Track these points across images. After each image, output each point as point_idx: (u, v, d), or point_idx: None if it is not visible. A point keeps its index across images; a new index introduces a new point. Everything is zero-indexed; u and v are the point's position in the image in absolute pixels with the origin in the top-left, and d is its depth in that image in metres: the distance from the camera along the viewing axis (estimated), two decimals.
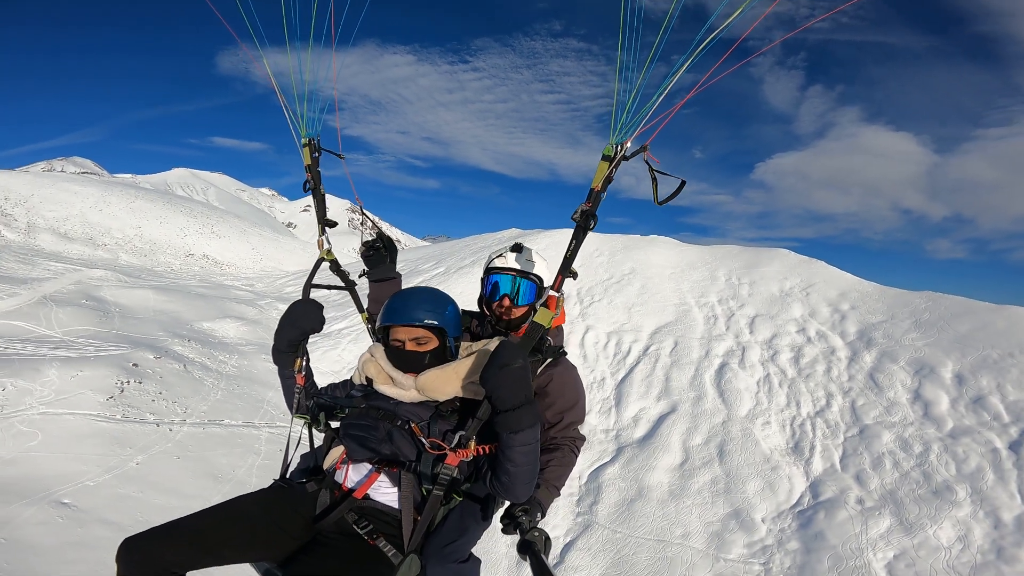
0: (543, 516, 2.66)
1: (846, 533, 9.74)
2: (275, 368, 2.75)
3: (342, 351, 14.84)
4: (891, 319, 15.31)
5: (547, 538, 2.50)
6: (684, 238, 23.00)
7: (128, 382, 9.82)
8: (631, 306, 17.30)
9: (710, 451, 11.65)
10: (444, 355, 2.50)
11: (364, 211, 3.47)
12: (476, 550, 2.40)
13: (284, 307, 17.12)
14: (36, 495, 6.81)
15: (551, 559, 9.33)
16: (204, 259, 29.03)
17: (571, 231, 2.27)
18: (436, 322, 2.45)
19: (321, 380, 2.90)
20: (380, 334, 2.61)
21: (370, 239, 3.26)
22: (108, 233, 28.27)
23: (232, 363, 12.73)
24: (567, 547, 9.53)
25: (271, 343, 2.64)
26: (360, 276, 3.27)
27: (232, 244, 31.33)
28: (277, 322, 2.67)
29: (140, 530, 2.10)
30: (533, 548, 2.37)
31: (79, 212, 29.48)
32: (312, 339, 2.85)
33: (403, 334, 2.46)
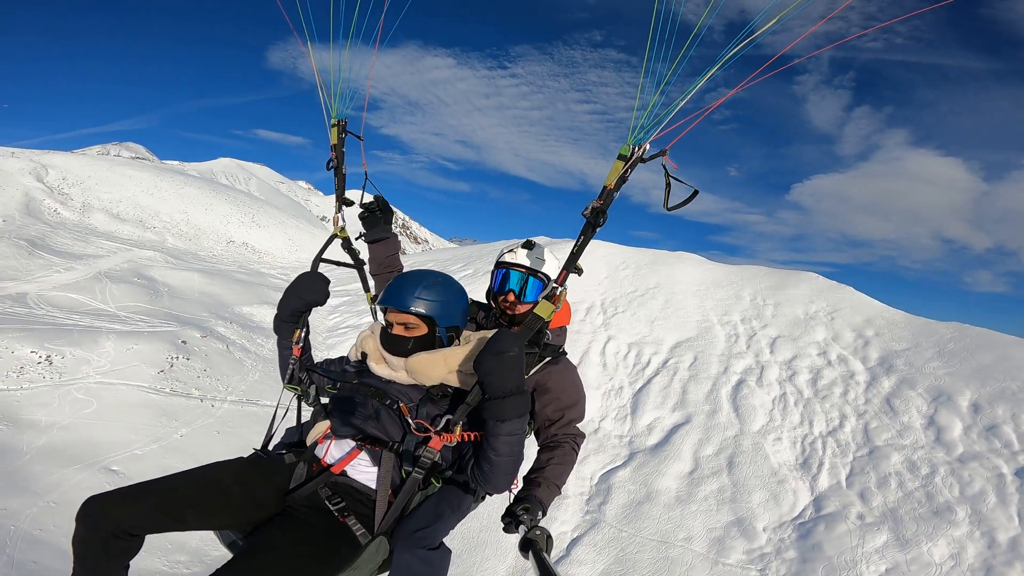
0: (544, 514, 2.65)
1: (843, 546, 9.99)
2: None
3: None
4: (915, 347, 15.33)
5: (549, 536, 2.49)
6: (712, 256, 23.14)
7: (177, 358, 10.59)
8: (654, 319, 17.63)
9: (720, 462, 11.96)
10: (432, 343, 2.49)
11: (368, 178, 3.42)
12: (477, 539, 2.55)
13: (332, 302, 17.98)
14: (87, 460, 7.47)
15: (553, 557, 9.80)
16: (244, 247, 30.19)
17: (601, 242, 2.39)
18: (424, 311, 2.43)
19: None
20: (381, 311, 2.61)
21: (367, 202, 3.29)
22: (157, 216, 29.61)
23: (269, 347, 13.46)
24: (574, 542, 9.97)
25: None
26: (357, 239, 3.30)
27: (271, 234, 32.47)
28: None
29: None
30: (535, 547, 2.36)
31: (131, 195, 30.90)
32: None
33: (394, 316, 2.48)
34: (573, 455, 2.89)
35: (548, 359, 2.74)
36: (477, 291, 15.18)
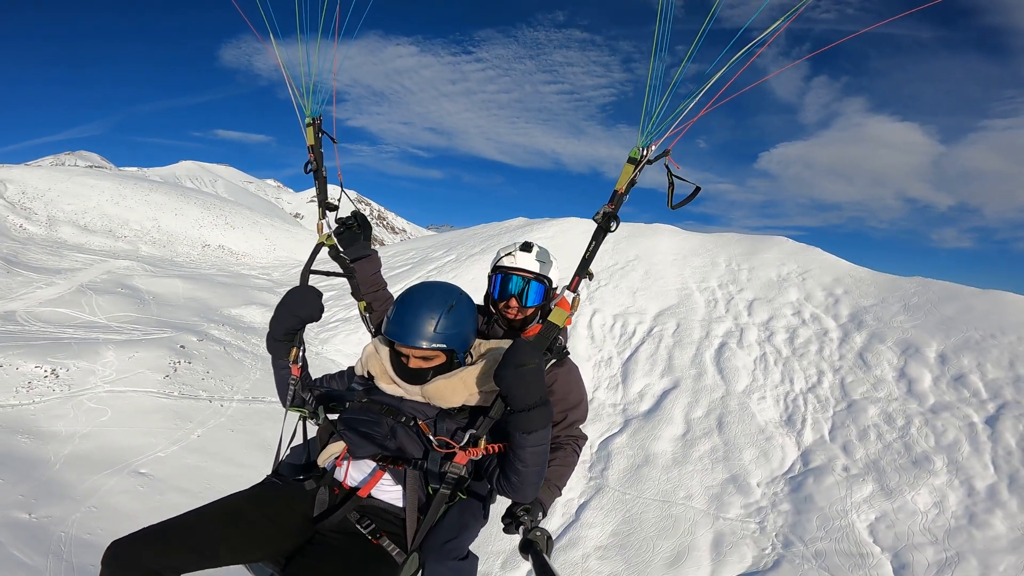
0: (545, 515, 2.63)
1: (833, 497, 10.74)
2: (307, 347, 2.60)
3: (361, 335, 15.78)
4: (882, 303, 16.20)
5: (549, 537, 2.47)
6: (688, 226, 23.74)
7: (179, 362, 10.78)
8: (636, 290, 18.24)
9: (710, 423, 12.64)
10: (451, 368, 2.40)
11: (344, 189, 3.24)
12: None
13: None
14: (116, 466, 7.73)
15: (563, 522, 10.33)
16: (220, 249, 29.88)
17: (578, 219, 2.36)
18: (446, 345, 2.32)
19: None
20: (384, 335, 2.44)
21: (344, 217, 3.08)
22: (126, 225, 29.08)
23: (264, 345, 13.63)
24: (582, 507, 10.53)
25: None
26: (332, 256, 3.09)
27: (246, 235, 32.14)
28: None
29: (208, 498, 2.14)
30: (535, 548, 2.35)
31: (96, 205, 30.23)
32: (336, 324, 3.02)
33: (411, 352, 2.33)
34: (575, 456, 2.85)
35: (553, 360, 2.64)
36: (462, 276, 15.47)
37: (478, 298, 2.87)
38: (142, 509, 7.05)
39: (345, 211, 3.13)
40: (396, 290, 2.72)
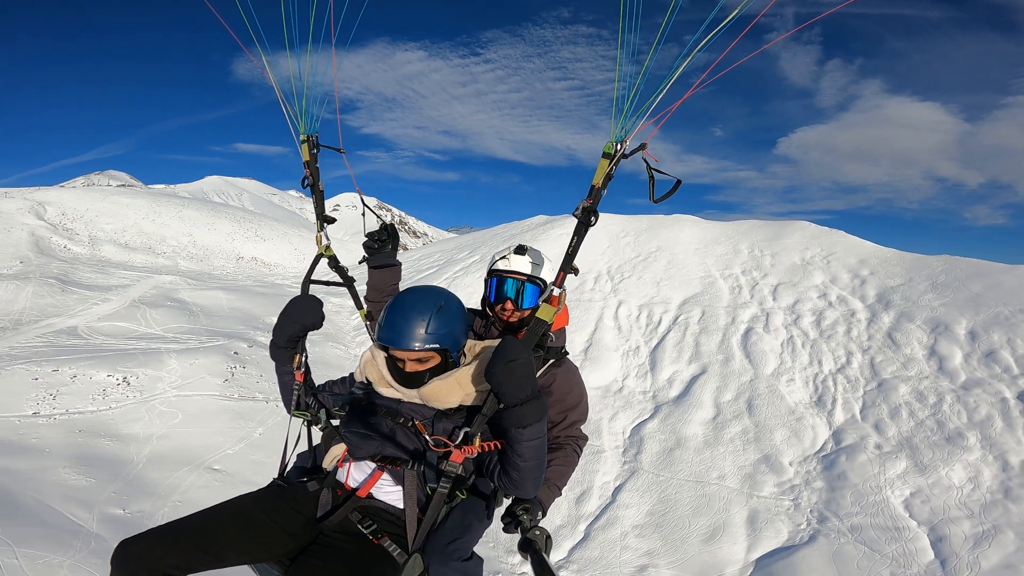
0: (544, 515, 2.65)
1: (866, 474, 11.02)
2: (344, 352, 2.87)
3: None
4: (909, 282, 16.33)
5: (548, 536, 2.49)
6: (710, 215, 24.00)
7: (235, 367, 11.55)
8: (659, 280, 18.62)
9: (739, 406, 13.00)
10: (446, 368, 2.41)
11: (365, 203, 3.38)
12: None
13: (337, 301, 18.81)
14: (192, 463, 8.47)
15: (599, 504, 10.79)
16: (253, 261, 30.94)
17: (601, 215, 2.23)
18: (439, 345, 2.33)
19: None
20: (377, 341, 2.48)
21: (374, 230, 3.14)
22: (164, 241, 30.25)
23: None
24: (618, 489, 11.01)
25: (334, 334, 2.87)
26: (360, 262, 3.16)
27: (276, 246, 33.22)
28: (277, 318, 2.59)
29: None
30: (534, 547, 2.37)
31: (134, 223, 31.47)
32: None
33: (406, 355, 2.35)
34: (575, 457, 2.88)
35: (552, 361, 2.74)
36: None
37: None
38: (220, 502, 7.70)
39: (371, 224, 3.22)
40: None
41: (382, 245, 3.07)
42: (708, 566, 9.48)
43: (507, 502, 2.57)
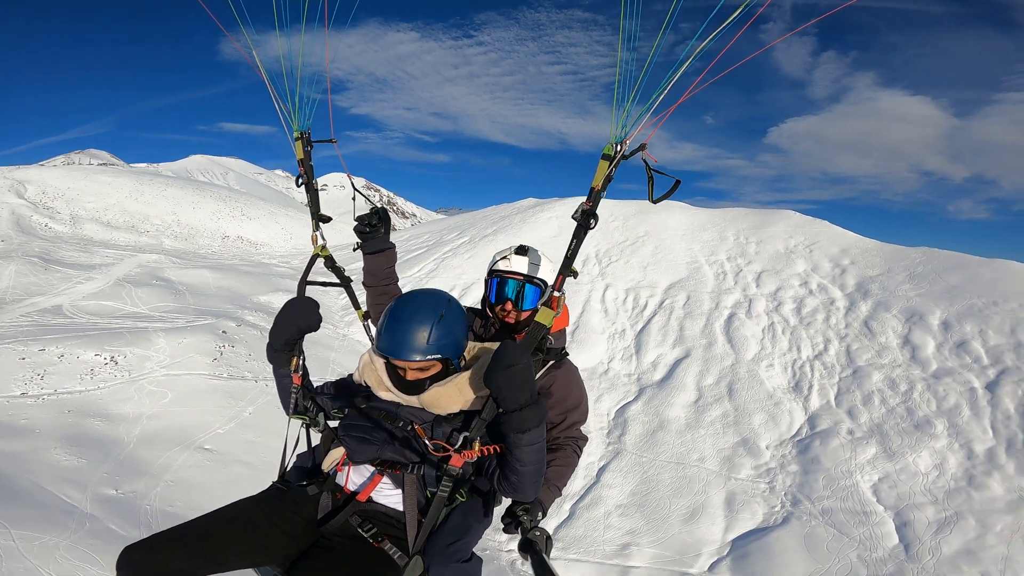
0: (544, 515, 2.65)
1: (838, 458, 11.40)
2: (334, 331, 2.84)
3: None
4: (887, 272, 16.69)
5: (548, 537, 2.50)
6: (698, 202, 24.18)
7: (224, 346, 11.59)
8: (646, 265, 18.88)
9: (720, 390, 13.34)
10: (447, 374, 2.40)
11: (356, 188, 3.30)
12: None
13: (324, 277, 18.61)
14: (183, 443, 8.55)
15: (584, 484, 11.10)
16: (239, 240, 30.70)
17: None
18: (440, 355, 2.31)
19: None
20: (377, 350, 2.45)
21: (364, 214, 3.08)
22: (147, 220, 29.91)
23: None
24: (602, 469, 11.31)
25: (322, 313, 2.54)
26: (354, 250, 3.11)
27: (263, 225, 32.97)
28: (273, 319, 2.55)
29: (265, 471, 2.78)
30: (534, 547, 2.37)
31: (116, 202, 31.05)
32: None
33: (405, 364, 2.33)
34: (575, 457, 2.88)
35: (552, 363, 2.71)
36: (477, 257, 16.15)
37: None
38: (212, 482, 7.82)
39: (359, 207, 3.13)
40: (406, 277, 2.95)
41: (373, 230, 3.02)
42: (687, 545, 9.82)
43: (507, 501, 2.55)
